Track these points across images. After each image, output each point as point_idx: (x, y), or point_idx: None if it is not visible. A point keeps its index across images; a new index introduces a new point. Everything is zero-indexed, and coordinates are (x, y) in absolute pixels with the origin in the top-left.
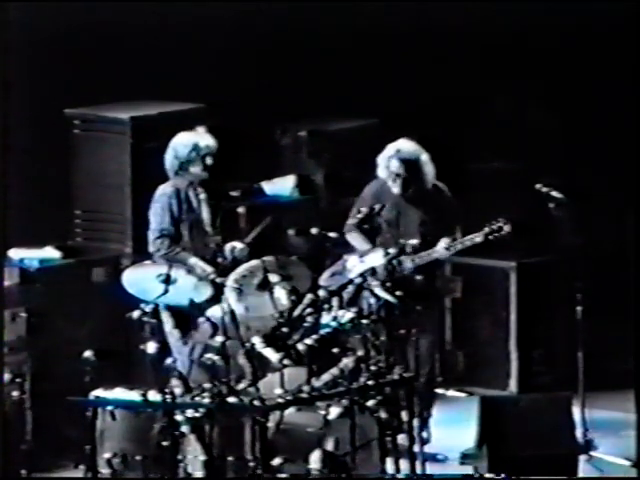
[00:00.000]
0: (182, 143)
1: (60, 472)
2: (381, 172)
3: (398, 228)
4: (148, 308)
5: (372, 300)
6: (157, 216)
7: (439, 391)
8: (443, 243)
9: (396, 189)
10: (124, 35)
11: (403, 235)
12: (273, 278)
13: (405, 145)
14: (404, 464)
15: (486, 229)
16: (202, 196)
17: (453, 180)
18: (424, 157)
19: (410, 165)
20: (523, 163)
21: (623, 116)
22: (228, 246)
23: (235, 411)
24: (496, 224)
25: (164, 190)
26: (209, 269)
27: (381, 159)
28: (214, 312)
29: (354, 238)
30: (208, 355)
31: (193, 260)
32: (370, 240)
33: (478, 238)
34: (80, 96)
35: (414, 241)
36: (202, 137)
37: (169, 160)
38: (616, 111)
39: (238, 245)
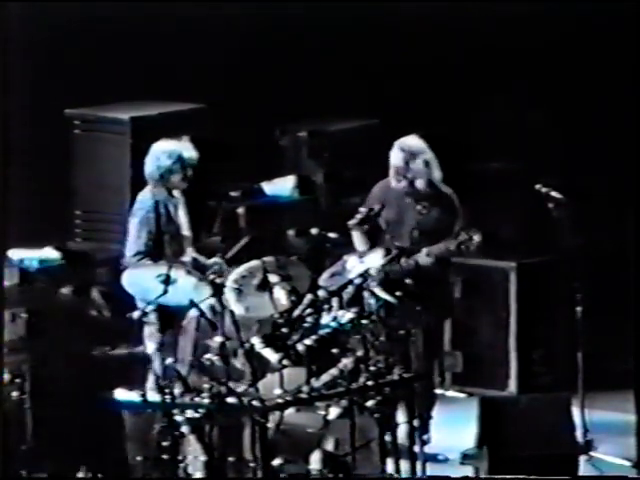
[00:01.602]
0: (166, 153)
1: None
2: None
3: (395, 228)
4: (148, 308)
5: (372, 300)
6: (135, 231)
7: (439, 391)
8: (425, 250)
9: (393, 182)
10: (124, 35)
11: (398, 236)
12: (273, 278)
13: (409, 140)
14: (404, 464)
15: (460, 238)
16: (179, 200)
17: (458, 181)
18: (427, 156)
19: (409, 159)
20: (523, 163)
21: (623, 116)
22: (210, 261)
23: (235, 412)
24: (467, 234)
25: (143, 203)
26: None
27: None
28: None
29: (355, 237)
30: (207, 355)
31: None
32: (371, 240)
33: (452, 246)
34: (80, 96)
35: (401, 244)
36: (186, 148)
37: (150, 167)
38: (616, 111)
39: (218, 261)
